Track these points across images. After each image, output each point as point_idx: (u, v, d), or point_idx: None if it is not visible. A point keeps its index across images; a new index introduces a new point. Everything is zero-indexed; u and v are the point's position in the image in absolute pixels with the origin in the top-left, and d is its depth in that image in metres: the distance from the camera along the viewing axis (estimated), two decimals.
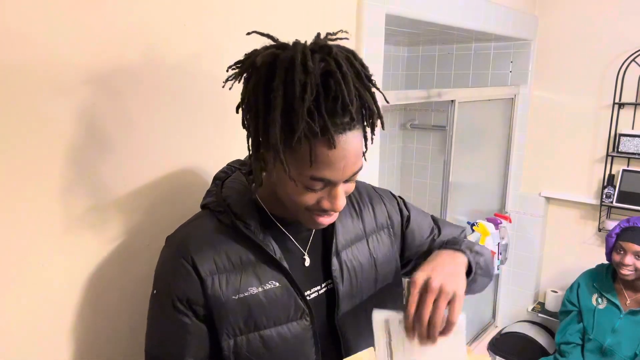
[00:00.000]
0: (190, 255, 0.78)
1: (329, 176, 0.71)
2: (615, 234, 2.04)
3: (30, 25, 0.78)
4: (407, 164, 3.02)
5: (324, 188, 0.73)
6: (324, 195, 0.74)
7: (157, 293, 0.81)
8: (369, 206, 0.96)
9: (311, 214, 0.76)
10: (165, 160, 1.01)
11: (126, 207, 0.96)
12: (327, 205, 0.74)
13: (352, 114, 0.68)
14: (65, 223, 0.87)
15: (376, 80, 0.76)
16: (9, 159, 0.79)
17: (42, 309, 0.87)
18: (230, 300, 0.77)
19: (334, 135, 0.67)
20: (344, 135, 0.69)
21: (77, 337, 0.92)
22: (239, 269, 0.79)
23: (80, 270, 0.91)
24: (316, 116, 0.66)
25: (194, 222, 0.85)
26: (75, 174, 0.87)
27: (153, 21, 0.94)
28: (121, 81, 0.90)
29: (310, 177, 0.70)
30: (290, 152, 0.69)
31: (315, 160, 0.68)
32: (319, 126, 0.66)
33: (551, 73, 2.50)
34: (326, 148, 0.68)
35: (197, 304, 0.77)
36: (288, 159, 0.69)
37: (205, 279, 0.77)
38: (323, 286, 0.87)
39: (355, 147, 0.71)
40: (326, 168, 0.70)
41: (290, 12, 1.22)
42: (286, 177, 0.71)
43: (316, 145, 0.68)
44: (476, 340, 2.75)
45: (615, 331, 2.03)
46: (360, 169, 0.74)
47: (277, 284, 0.80)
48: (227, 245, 0.80)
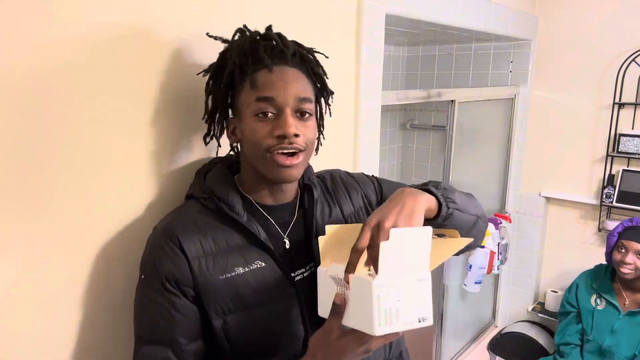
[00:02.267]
0: (176, 237, 0.81)
1: (271, 94, 0.80)
2: (618, 232, 2.04)
3: (26, 21, 0.78)
4: (407, 164, 3.02)
5: (274, 117, 0.80)
6: (274, 125, 0.80)
7: (144, 277, 0.83)
8: (345, 192, 0.99)
9: (272, 156, 0.80)
10: (167, 159, 1.01)
11: (126, 206, 0.96)
12: (279, 131, 0.79)
13: (288, 56, 0.83)
14: (64, 223, 0.87)
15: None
16: (12, 154, 0.79)
17: (41, 309, 0.87)
18: (218, 280, 0.80)
19: (270, 64, 0.81)
20: (281, 67, 0.82)
21: (77, 337, 0.92)
22: (225, 251, 0.82)
23: (79, 270, 0.91)
24: (256, 59, 0.82)
25: (178, 209, 0.89)
26: (72, 171, 0.87)
27: (151, 20, 0.94)
28: (119, 80, 0.91)
29: (256, 98, 0.80)
30: (239, 97, 0.84)
31: (255, 84, 0.81)
32: (258, 60, 0.81)
33: (551, 73, 2.50)
34: (265, 73, 0.81)
35: (185, 285, 0.79)
36: (240, 102, 0.84)
37: (192, 260, 0.79)
38: (307, 269, 0.90)
39: (295, 77, 0.83)
40: (267, 88, 0.80)
41: (291, 12, 1.22)
42: (245, 123, 0.82)
43: (256, 73, 0.81)
44: (476, 340, 2.76)
45: (614, 332, 2.03)
46: (306, 98, 0.82)
47: (263, 264, 0.83)
48: (213, 228, 0.83)
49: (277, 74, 0.81)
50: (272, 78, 0.81)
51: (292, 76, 0.83)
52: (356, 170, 1.49)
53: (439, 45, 2.76)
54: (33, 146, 0.81)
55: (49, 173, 0.84)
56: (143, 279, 0.83)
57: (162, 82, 0.96)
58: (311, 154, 0.86)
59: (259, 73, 0.81)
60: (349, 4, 1.39)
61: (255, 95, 0.80)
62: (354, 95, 1.45)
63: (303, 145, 0.81)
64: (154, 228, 0.87)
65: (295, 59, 0.85)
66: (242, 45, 0.84)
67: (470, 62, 2.67)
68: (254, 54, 0.83)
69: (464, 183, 2.35)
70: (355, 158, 1.49)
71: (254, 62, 0.82)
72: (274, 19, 1.17)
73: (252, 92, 0.81)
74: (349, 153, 1.47)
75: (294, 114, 0.81)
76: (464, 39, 2.45)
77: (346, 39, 1.40)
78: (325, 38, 1.33)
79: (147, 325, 0.82)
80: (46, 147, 0.82)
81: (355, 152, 1.48)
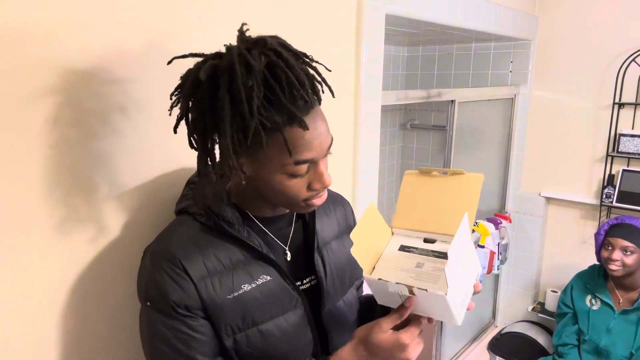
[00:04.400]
0: (178, 259, 0.76)
1: (311, 156, 0.74)
2: (604, 230, 2.06)
3: (29, 21, 0.78)
4: (407, 164, 3.02)
5: (308, 171, 0.76)
6: (311, 179, 0.77)
7: (150, 304, 0.77)
8: (332, 209, 0.99)
9: (308, 202, 0.79)
10: (167, 160, 1.00)
11: (125, 208, 0.96)
12: (318, 185, 0.77)
13: (308, 93, 0.72)
14: (63, 224, 0.87)
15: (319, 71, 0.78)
16: (4, 157, 0.79)
17: (39, 311, 0.87)
18: (226, 301, 0.78)
19: (303, 117, 0.70)
20: (310, 114, 0.72)
21: (78, 338, 0.92)
22: (230, 269, 0.79)
23: (78, 272, 0.91)
24: (279, 107, 0.69)
25: (174, 229, 0.82)
26: (71, 174, 0.87)
27: (154, 19, 0.94)
28: (122, 78, 0.91)
29: (294, 162, 0.73)
30: (264, 152, 0.72)
31: (293, 147, 0.71)
32: (286, 115, 0.70)
33: (551, 73, 2.50)
34: (300, 132, 0.71)
35: (195, 309, 0.76)
36: (265, 157, 0.73)
37: (198, 282, 0.76)
38: (305, 282, 0.89)
39: (322, 120, 0.76)
40: (306, 150, 0.73)
41: (291, 12, 1.22)
42: (271, 176, 0.74)
43: (289, 134, 0.71)
44: (476, 340, 2.76)
45: (610, 331, 2.03)
46: (332, 141, 0.78)
47: (268, 278, 0.82)
48: (214, 247, 0.79)
49: (311, 130, 0.72)
50: (308, 137, 0.72)
51: (321, 124, 0.75)
52: (356, 170, 1.50)
53: (439, 45, 2.76)
54: (32, 150, 0.81)
55: (42, 171, 0.84)
56: (149, 306, 0.77)
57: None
58: None
59: (291, 132, 0.71)
60: (349, 4, 1.39)
61: (293, 160, 0.72)
62: (354, 95, 1.45)
63: None
64: (148, 251, 0.82)
65: (313, 93, 0.74)
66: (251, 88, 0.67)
67: (470, 62, 2.68)
68: (274, 101, 0.69)
69: None
70: (355, 158, 1.49)
71: (276, 111, 0.69)
72: (274, 19, 1.17)
73: (288, 155, 0.72)
74: (348, 153, 1.47)
75: (322, 161, 0.78)
76: (464, 39, 2.45)
77: (346, 39, 1.40)
78: (325, 38, 1.32)
79: (164, 352, 0.77)
80: (43, 147, 0.83)
81: (355, 152, 1.48)
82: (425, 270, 0.79)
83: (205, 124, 0.72)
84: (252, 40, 0.71)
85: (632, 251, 1.95)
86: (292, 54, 0.73)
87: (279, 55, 0.70)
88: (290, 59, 0.71)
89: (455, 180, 0.86)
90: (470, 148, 2.40)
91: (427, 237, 0.86)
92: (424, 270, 0.79)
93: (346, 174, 1.48)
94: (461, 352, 2.64)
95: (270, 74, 0.69)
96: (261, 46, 0.70)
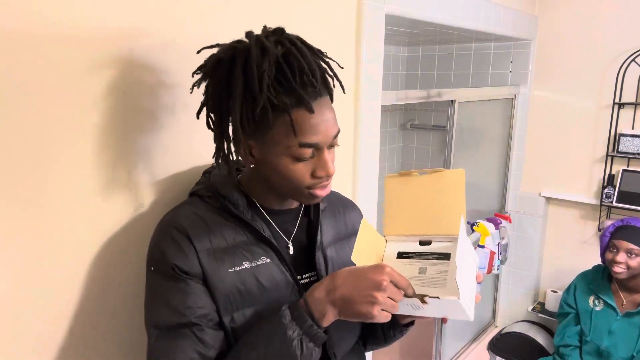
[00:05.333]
0: (185, 229, 0.80)
1: (315, 140, 0.76)
2: (609, 232, 2.05)
3: (33, 23, 0.78)
4: (407, 164, 3.02)
5: (312, 157, 0.78)
6: (315, 166, 0.79)
7: (154, 269, 0.81)
8: (342, 212, 1.00)
9: (310, 191, 0.81)
10: (179, 158, 1.01)
11: (134, 205, 0.96)
12: (321, 172, 0.79)
13: (317, 81, 0.76)
14: (68, 220, 0.87)
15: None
16: (10, 155, 0.79)
17: (44, 307, 0.87)
18: (228, 274, 0.80)
19: (310, 101, 0.74)
20: (318, 101, 0.76)
21: (79, 335, 0.92)
22: (232, 247, 0.82)
23: (83, 268, 0.91)
24: (289, 90, 0.74)
25: (183, 206, 0.86)
26: (76, 172, 0.87)
27: (172, 13, 0.94)
28: (143, 76, 0.91)
29: (299, 144, 0.76)
30: (271, 133, 0.76)
31: (298, 128, 0.75)
32: (295, 98, 0.74)
33: (551, 73, 2.50)
34: (306, 114, 0.75)
35: (195, 276, 0.78)
36: (272, 139, 0.76)
37: (201, 252, 0.79)
38: (305, 277, 0.90)
39: (330, 110, 0.79)
40: (310, 133, 0.76)
41: (291, 12, 1.22)
42: (277, 159, 0.77)
43: (296, 115, 0.74)
44: (476, 340, 2.76)
45: (612, 333, 2.03)
46: (339, 132, 0.80)
47: (268, 260, 0.84)
48: (219, 225, 0.83)
49: (317, 114, 0.75)
50: (314, 121, 0.75)
51: (328, 112, 0.78)
52: (356, 170, 1.50)
53: (439, 45, 2.76)
54: (34, 144, 0.81)
55: (53, 167, 0.84)
56: (153, 270, 0.81)
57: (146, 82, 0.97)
58: None
59: (299, 114, 0.74)
60: (349, 4, 1.39)
61: (297, 141, 0.75)
62: (354, 95, 1.45)
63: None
64: (159, 222, 0.86)
65: (323, 83, 0.78)
66: (263, 68, 0.72)
67: (470, 62, 2.68)
68: (284, 84, 0.74)
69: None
70: (355, 158, 1.49)
71: (285, 93, 0.74)
72: (274, 19, 1.17)
73: (293, 136, 0.75)
74: (349, 153, 1.47)
75: (328, 151, 0.80)
76: (464, 39, 2.45)
77: (346, 39, 1.40)
78: (325, 38, 1.32)
79: (162, 312, 0.79)
80: (46, 145, 0.83)
81: (355, 152, 1.48)
82: (430, 275, 0.79)
83: (220, 101, 0.77)
84: (272, 30, 0.78)
85: (636, 254, 1.94)
86: (307, 47, 0.78)
87: (294, 44, 0.76)
88: (305, 49, 0.76)
89: (437, 179, 0.85)
90: (470, 148, 2.40)
91: (422, 240, 0.85)
92: (428, 275, 0.79)
93: (346, 174, 1.48)
94: (461, 352, 2.64)
95: (284, 59, 0.74)
96: (279, 34, 0.77)
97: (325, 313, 0.74)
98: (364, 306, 0.72)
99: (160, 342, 0.78)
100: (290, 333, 0.72)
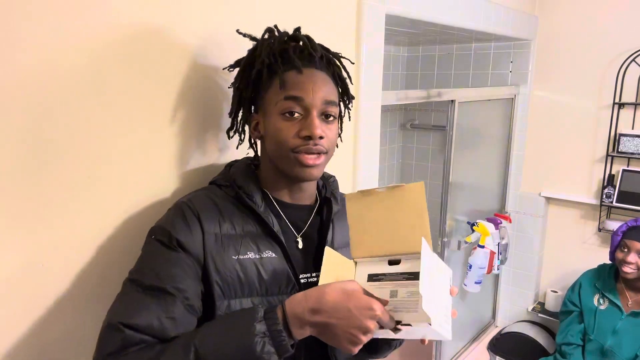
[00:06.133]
0: (197, 210, 0.83)
1: (300, 94, 0.82)
2: (622, 232, 2.04)
3: (28, 22, 0.78)
4: (407, 164, 3.02)
5: (301, 118, 0.83)
6: (302, 126, 0.82)
7: (155, 237, 0.81)
8: None
9: (296, 156, 0.83)
10: (171, 158, 1.01)
11: (131, 205, 0.96)
12: (305, 132, 0.82)
13: (316, 59, 0.86)
14: (68, 221, 0.87)
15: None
16: (11, 157, 0.79)
17: (42, 309, 0.87)
18: (231, 260, 0.81)
19: (300, 66, 0.84)
20: (309, 69, 0.85)
21: (79, 335, 0.93)
22: (240, 236, 0.84)
23: (83, 268, 0.91)
24: (287, 60, 0.84)
25: (200, 191, 0.90)
26: (74, 171, 0.87)
27: (155, 16, 0.94)
28: (126, 79, 0.91)
29: (284, 97, 0.82)
30: (267, 96, 0.85)
31: (284, 83, 0.82)
32: (287, 61, 0.84)
33: (551, 73, 2.50)
34: (294, 73, 0.84)
35: (193, 256, 0.79)
36: (267, 101, 0.86)
37: (207, 234, 0.81)
38: (313, 275, 0.90)
39: (323, 80, 0.85)
40: (296, 87, 0.83)
41: (290, 12, 1.22)
42: (270, 120, 0.84)
43: (285, 74, 0.83)
44: (476, 340, 2.76)
45: (616, 332, 2.03)
46: (333, 103, 0.85)
47: (273, 255, 0.85)
48: (231, 213, 0.85)
49: (306, 75, 0.84)
50: (301, 79, 0.83)
51: (320, 79, 0.85)
52: (356, 170, 1.50)
53: (439, 45, 2.76)
54: (41, 146, 0.81)
55: (50, 169, 0.84)
56: (153, 238, 0.81)
57: (177, 83, 0.97)
58: (331, 156, 0.88)
59: (288, 73, 0.84)
60: (349, 4, 1.39)
61: (283, 95, 0.82)
62: (354, 95, 1.44)
63: (326, 147, 0.84)
64: (174, 203, 0.87)
65: (323, 62, 0.88)
66: (272, 45, 0.87)
67: (470, 62, 2.68)
68: (284, 54, 0.85)
69: (464, 183, 2.35)
70: (355, 158, 1.49)
71: (283, 62, 0.85)
72: (274, 19, 1.17)
73: (281, 91, 0.83)
74: (349, 153, 1.47)
75: (319, 116, 0.83)
76: (464, 39, 2.45)
77: (346, 39, 1.40)
78: (325, 38, 1.32)
79: (144, 271, 0.78)
80: (49, 144, 0.83)
81: (355, 152, 1.48)
82: (401, 299, 0.76)
83: (235, 79, 0.93)
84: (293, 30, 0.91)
85: None
86: (320, 45, 0.89)
87: (307, 36, 0.89)
88: (315, 42, 0.88)
89: (397, 194, 0.83)
90: (470, 148, 2.40)
91: (390, 259, 0.82)
92: (400, 298, 0.76)
93: (346, 174, 1.48)
94: (461, 352, 2.64)
95: (293, 40, 0.88)
96: (296, 30, 0.90)
97: (302, 332, 0.72)
98: (346, 343, 0.71)
99: (129, 295, 0.77)
100: (258, 327, 0.69)
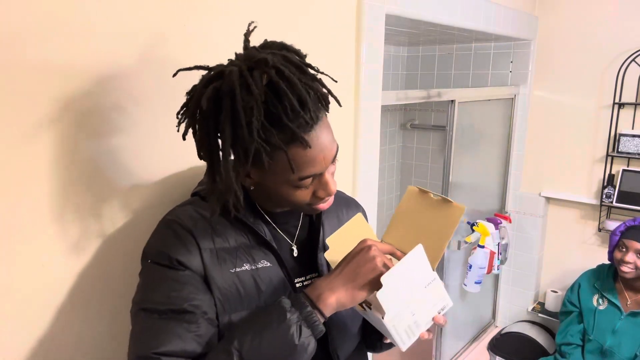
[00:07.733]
0: (189, 226, 0.80)
1: (314, 171, 0.75)
2: (620, 231, 2.04)
3: (28, 24, 0.78)
4: (407, 164, 3.02)
5: (313, 182, 0.78)
6: (316, 187, 0.79)
7: (151, 261, 0.79)
8: (345, 212, 1.00)
9: (312, 207, 0.82)
10: (170, 160, 1.01)
11: (129, 206, 0.96)
12: (322, 194, 0.79)
13: (310, 112, 0.70)
14: (68, 222, 0.87)
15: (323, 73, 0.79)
16: (7, 157, 0.79)
17: (43, 308, 0.87)
18: (229, 274, 0.80)
19: (305, 136, 0.71)
20: (313, 131, 0.72)
21: (79, 337, 0.93)
22: (234, 248, 0.82)
23: (83, 270, 0.91)
24: (281, 128, 0.69)
25: (185, 205, 0.85)
26: (76, 173, 0.87)
27: (154, 21, 0.94)
28: (125, 82, 0.91)
29: (298, 178, 0.75)
30: (269, 165, 0.72)
31: (296, 165, 0.72)
32: (289, 135, 0.70)
33: (551, 73, 2.50)
34: (302, 150, 0.72)
35: (196, 273, 0.78)
36: (270, 170, 0.74)
37: (204, 250, 0.79)
38: (307, 278, 0.90)
39: (326, 134, 0.75)
40: (309, 166, 0.74)
41: (290, 12, 1.22)
42: (277, 186, 0.77)
43: (292, 152, 0.71)
44: (476, 340, 2.76)
45: (616, 332, 2.03)
46: (337, 150, 0.78)
47: (268, 264, 0.84)
48: (222, 226, 0.82)
49: (314, 147, 0.72)
50: (312, 154, 0.73)
51: (324, 137, 0.74)
52: (356, 170, 1.50)
53: (439, 45, 2.76)
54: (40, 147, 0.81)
55: (49, 171, 0.84)
56: (149, 263, 0.79)
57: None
58: None
59: (293, 150, 0.71)
60: (349, 4, 1.39)
61: (297, 176, 0.74)
62: (354, 95, 1.45)
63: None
64: (161, 220, 0.84)
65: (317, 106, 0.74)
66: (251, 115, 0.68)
67: (470, 62, 2.67)
68: (276, 122, 0.69)
69: (464, 183, 2.35)
70: (355, 158, 1.49)
71: (278, 132, 0.70)
72: (274, 19, 1.17)
73: (291, 172, 0.73)
74: (349, 153, 1.47)
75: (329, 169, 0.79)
76: (464, 39, 2.45)
77: (346, 39, 1.40)
78: (325, 38, 1.32)
79: (155, 297, 0.75)
80: (48, 147, 0.83)
81: (355, 152, 1.48)
82: None
83: (210, 142, 0.73)
84: (255, 59, 0.70)
85: None
86: (296, 68, 0.72)
87: (281, 74, 0.69)
88: (293, 76, 0.70)
89: (443, 207, 0.86)
90: (470, 148, 2.39)
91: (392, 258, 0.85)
92: None
93: (346, 174, 1.48)
94: (461, 352, 2.64)
95: (273, 93, 0.69)
96: (262, 65, 0.69)
97: (328, 302, 0.74)
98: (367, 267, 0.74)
99: (148, 324, 0.74)
100: (290, 316, 0.71)
